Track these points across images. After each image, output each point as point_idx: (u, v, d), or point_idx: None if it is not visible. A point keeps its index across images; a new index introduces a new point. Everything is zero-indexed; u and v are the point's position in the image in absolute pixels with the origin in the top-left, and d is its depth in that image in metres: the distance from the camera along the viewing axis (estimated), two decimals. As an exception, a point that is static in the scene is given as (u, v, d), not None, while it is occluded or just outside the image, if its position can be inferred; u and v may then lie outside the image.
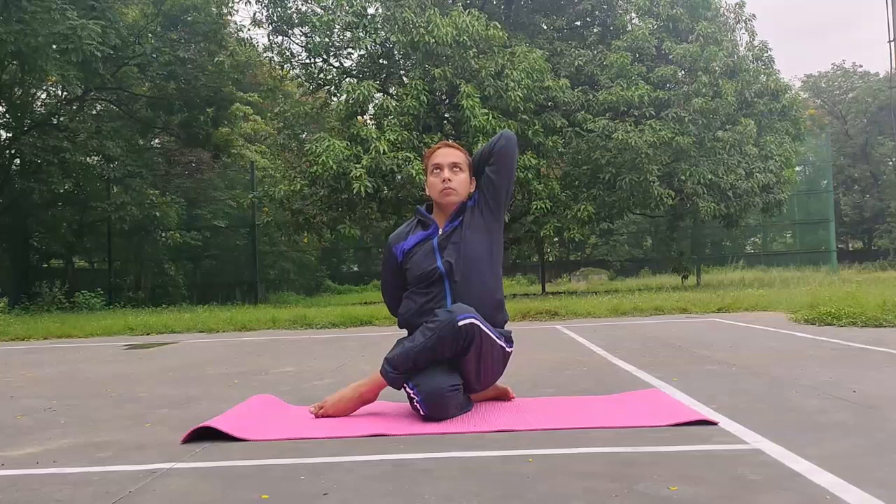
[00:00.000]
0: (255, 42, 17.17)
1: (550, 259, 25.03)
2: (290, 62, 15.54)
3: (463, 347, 2.68)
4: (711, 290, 11.53)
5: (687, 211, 14.45)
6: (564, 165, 14.40)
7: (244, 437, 2.47)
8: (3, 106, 17.52)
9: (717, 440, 2.26)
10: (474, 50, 13.01)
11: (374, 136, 12.41)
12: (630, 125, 12.92)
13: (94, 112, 19.04)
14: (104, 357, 5.97)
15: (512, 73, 12.79)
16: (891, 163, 34.77)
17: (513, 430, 2.48)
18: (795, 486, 1.76)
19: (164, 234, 18.33)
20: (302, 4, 14.94)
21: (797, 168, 18.64)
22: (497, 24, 13.35)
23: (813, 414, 2.61)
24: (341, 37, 14.65)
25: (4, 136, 17.86)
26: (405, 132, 12.68)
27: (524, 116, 13.13)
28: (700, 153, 13.63)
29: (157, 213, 16.69)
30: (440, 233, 2.94)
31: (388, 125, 12.70)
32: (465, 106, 12.38)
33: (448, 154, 2.98)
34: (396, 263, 3.01)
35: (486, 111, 12.53)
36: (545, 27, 16.31)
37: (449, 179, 2.92)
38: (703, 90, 13.24)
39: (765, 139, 14.42)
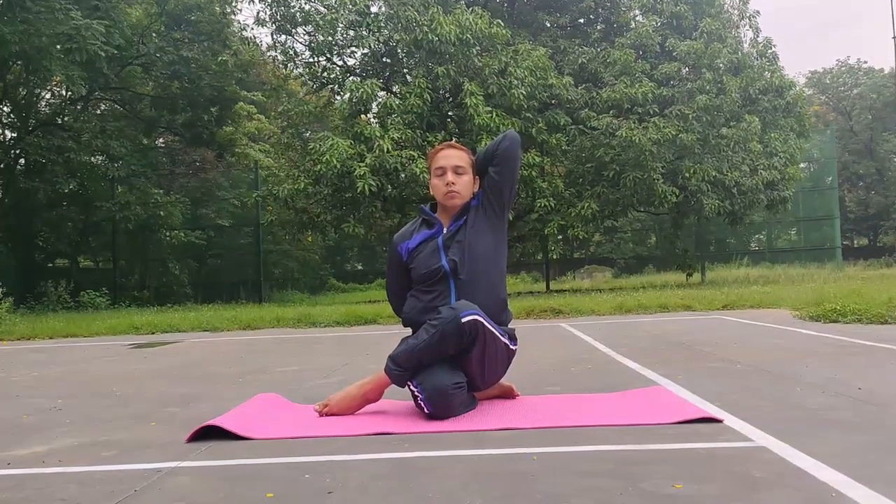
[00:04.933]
0: (258, 41, 17.26)
1: (554, 257, 24.95)
2: (294, 61, 15.54)
3: (467, 344, 2.68)
4: (716, 288, 11.51)
5: (691, 208, 14.41)
6: (568, 163, 14.38)
7: (249, 435, 2.47)
8: (7, 106, 17.58)
9: (722, 438, 2.26)
10: (478, 48, 13.00)
11: (378, 135, 12.41)
12: (634, 122, 12.89)
13: (98, 112, 19.11)
14: (109, 356, 5.98)
15: (515, 70, 12.77)
16: (896, 159, 34.66)
17: (517, 428, 2.48)
18: (800, 484, 1.75)
19: (168, 234, 18.36)
20: (305, 3, 14.93)
21: (802, 165, 18.60)
22: (500, 21, 13.33)
23: (818, 411, 2.61)
24: (345, 35, 14.65)
25: (9, 136, 17.92)
26: (409, 130, 12.68)
27: (528, 114, 13.11)
28: (704, 150, 13.60)
29: (162, 213, 16.73)
30: (444, 231, 2.95)
31: (391, 123, 12.69)
32: (468, 104, 12.37)
33: (451, 156, 2.98)
34: (401, 262, 3.01)
35: (490, 109, 12.52)
36: (548, 25, 16.29)
37: (452, 183, 2.93)
38: (708, 87, 13.20)
39: (769, 136, 14.37)
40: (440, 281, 2.87)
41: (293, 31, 15.09)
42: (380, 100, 13.65)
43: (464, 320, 2.63)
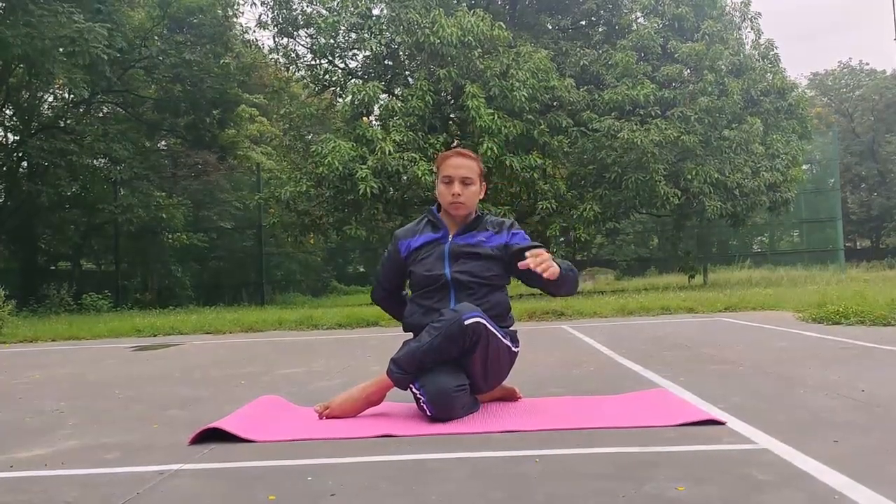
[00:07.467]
0: (260, 44, 17.24)
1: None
2: (296, 64, 15.58)
3: (469, 346, 2.67)
4: (718, 290, 11.50)
5: (693, 210, 14.41)
6: (570, 165, 14.39)
7: (251, 437, 2.47)
8: (10, 109, 17.62)
9: (725, 440, 2.25)
10: (479, 50, 13.02)
11: (380, 137, 12.43)
12: (636, 124, 12.90)
13: (100, 115, 19.14)
14: (111, 359, 5.99)
15: (517, 72, 12.79)
16: (898, 160, 34.62)
17: (519, 431, 2.47)
18: (803, 486, 1.75)
19: (170, 236, 18.40)
20: (307, 6, 14.98)
21: (804, 166, 18.53)
22: (502, 24, 13.36)
23: (821, 413, 2.60)
24: (346, 38, 14.68)
25: (12, 140, 17.96)
26: (410, 133, 12.69)
27: (529, 116, 13.12)
28: (706, 152, 13.60)
29: (164, 215, 16.75)
30: (451, 239, 2.94)
31: (393, 126, 12.71)
32: (470, 106, 12.38)
33: (460, 166, 2.95)
34: (399, 258, 3.01)
35: (492, 111, 12.53)
36: (550, 27, 16.31)
37: (459, 194, 2.92)
38: (709, 89, 13.21)
39: (771, 138, 14.37)
40: (440, 289, 2.86)
41: (295, 33, 15.13)
42: (381, 102, 13.67)
43: (466, 322, 2.63)
